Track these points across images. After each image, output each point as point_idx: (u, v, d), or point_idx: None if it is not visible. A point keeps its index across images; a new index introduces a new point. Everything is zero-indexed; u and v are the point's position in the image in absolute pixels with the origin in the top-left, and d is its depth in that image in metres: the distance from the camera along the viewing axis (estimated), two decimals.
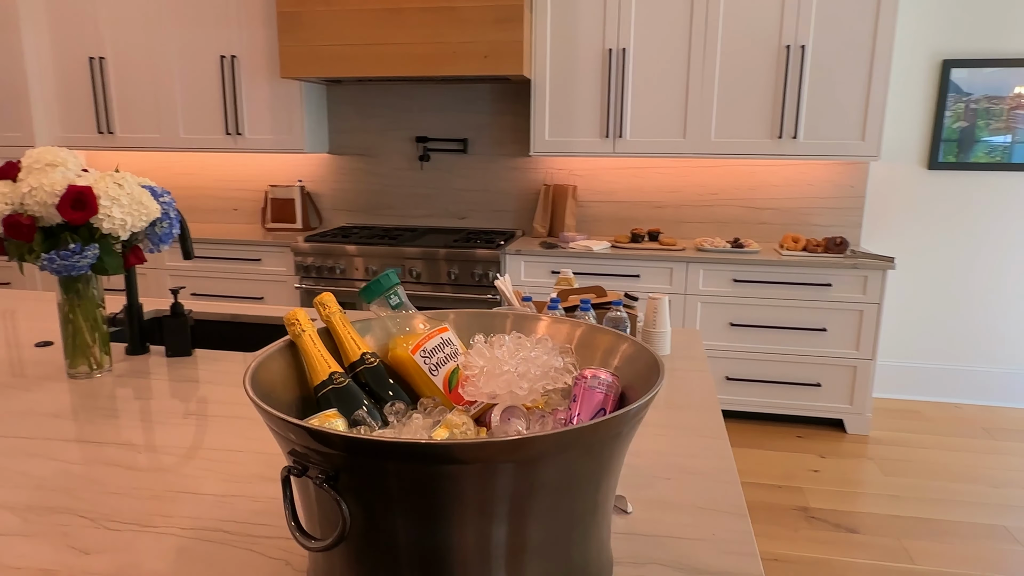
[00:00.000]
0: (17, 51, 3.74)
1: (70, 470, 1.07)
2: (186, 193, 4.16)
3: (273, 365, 0.81)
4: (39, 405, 1.32)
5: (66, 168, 1.32)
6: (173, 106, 3.74)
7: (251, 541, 0.88)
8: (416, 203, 3.90)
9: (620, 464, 0.74)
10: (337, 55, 3.31)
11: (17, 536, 0.89)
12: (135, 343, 1.64)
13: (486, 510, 0.63)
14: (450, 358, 0.89)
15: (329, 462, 0.61)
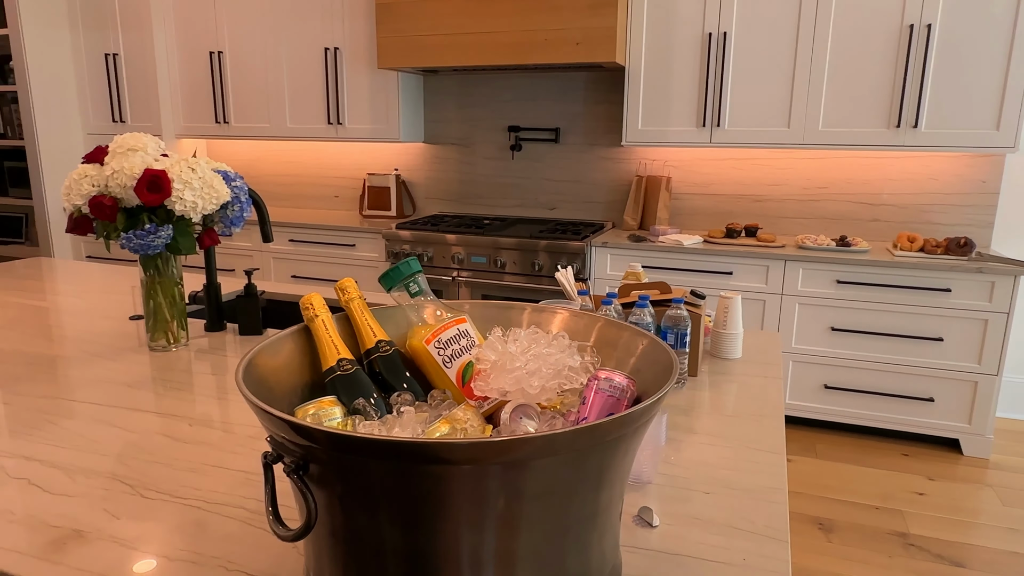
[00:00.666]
0: (149, 49, 4.06)
1: (126, 437, 1.13)
2: (291, 180, 4.37)
3: (284, 348, 0.81)
4: (117, 374, 1.42)
5: (145, 152, 1.40)
6: (281, 97, 3.93)
7: (265, 521, 0.89)
8: (506, 193, 3.89)
9: (622, 471, 0.68)
10: (430, 45, 3.34)
11: (62, 496, 0.95)
12: (213, 320, 1.73)
13: (468, 513, 0.60)
14: (465, 350, 0.86)
15: (299, 451, 0.60)
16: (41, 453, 1.07)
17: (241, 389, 0.63)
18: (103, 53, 4.19)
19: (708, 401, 1.31)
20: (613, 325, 0.84)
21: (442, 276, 3.43)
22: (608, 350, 0.83)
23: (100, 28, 4.17)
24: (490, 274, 3.35)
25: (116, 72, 4.18)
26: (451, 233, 3.38)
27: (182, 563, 0.80)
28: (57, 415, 1.21)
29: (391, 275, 0.88)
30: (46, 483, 0.98)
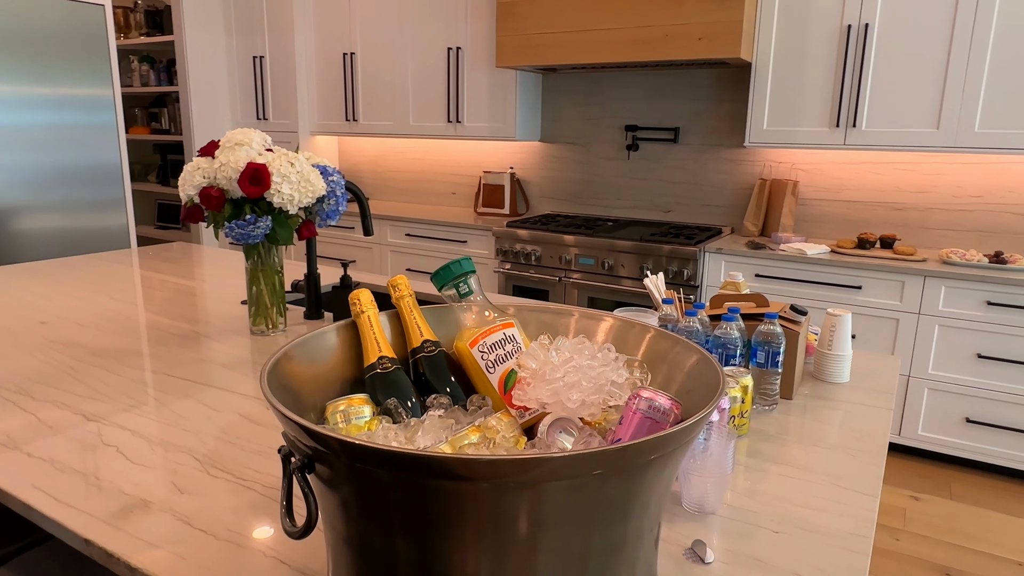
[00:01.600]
0: (291, 51, 4.35)
1: (209, 415, 1.20)
2: (413, 176, 4.52)
3: (328, 342, 0.81)
4: (217, 355, 1.51)
5: (250, 147, 1.48)
6: (405, 96, 4.07)
7: None
8: (621, 193, 3.80)
9: (654, 500, 0.62)
10: (548, 43, 3.32)
11: (141, 466, 1.01)
12: (311, 308, 1.80)
13: (477, 534, 0.57)
14: (510, 356, 0.83)
15: (306, 450, 0.59)
16: (134, 424, 1.16)
17: (263, 384, 0.63)
18: (251, 56, 4.54)
19: (800, 428, 1.19)
20: (664, 337, 0.77)
21: (549, 276, 3.41)
22: (658, 364, 0.76)
23: (250, 33, 4.51)
24: (598, 276, 3.28)
25: (261, 73, 4.51)
26: (560, 233, 3.35)
27: (225, 543, 0.83)
28: (157, 389, 1.31)
29: (442, 273, 0.86)
30: (131, 453, 1.05)
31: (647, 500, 0.61)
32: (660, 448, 0.56)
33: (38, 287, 2.08)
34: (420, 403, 0.79)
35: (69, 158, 3.42)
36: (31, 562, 1.07)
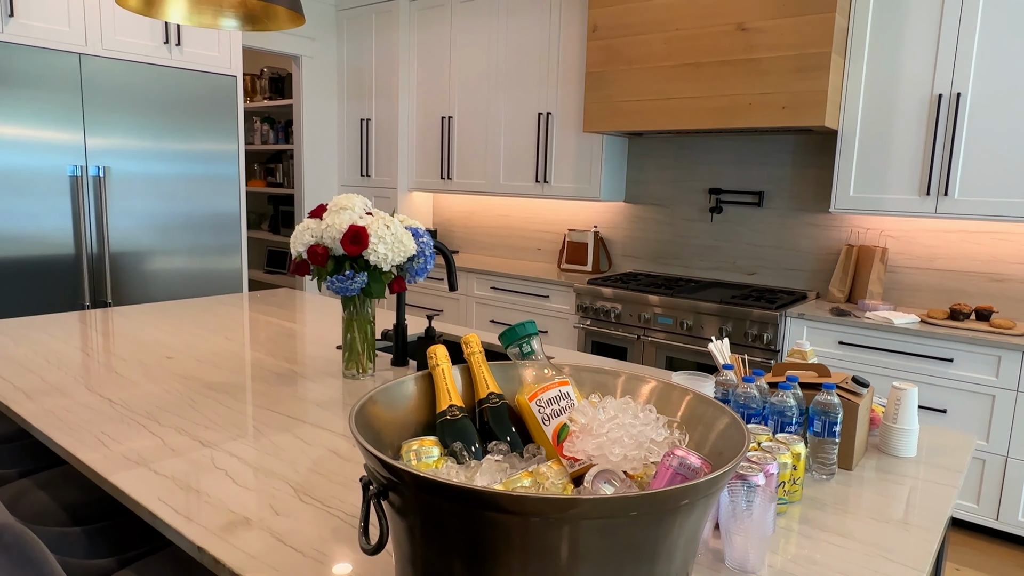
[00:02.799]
0: (394, 114, 4.71)
1: (303, 448, 1.35)
2: (501, 232, 4.72)
3: (408, 390, 0.94)
4: (313, 394, 1.68)
5: (353, 211, 1.68)
6: (497, 156, 4.30)
7: None
8: (704, 255, 3.83)
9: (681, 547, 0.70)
10: (635, 110, 3.46)
11: (244, 488, 1.17)
12: (398, 356, 1.96)
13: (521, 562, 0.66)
14: (564, 411, 0.93)
15: (382, 480, 0.71)
16: (240, 451, 1.32)
17: (351, 423, 0.76)
18: (359, 118, 4.94)
19: (856, 499, 1.21)
20: (702, 401, 0.85)
21: (628, 334, 3.46)
22: (695, 425, 0.84)
23: (359, 98, 4.92)
24: (676, 336, 3.31)
25: (367, 134, 4.89)
26: (641, 292, 3.41)
27: (310, 560, 0.96)
28: (259, 421, 1.48)
29: (508, 334, 0.98)
30: (237, 476, 1.21)
31: (673, 546, 0.69)
32: (681, 498, 0.64)
33: (165, 325, 2.36)
34: (482, 448, 0.90)
35: (196, 206, 3.83)
36: (152, 565, 1.24)
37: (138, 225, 3.60)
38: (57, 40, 3.23)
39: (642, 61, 3.42)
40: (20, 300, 3.24)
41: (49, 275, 3.32)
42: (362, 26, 4.85)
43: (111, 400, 1.59)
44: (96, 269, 3.48)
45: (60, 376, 1.76)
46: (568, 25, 3.89)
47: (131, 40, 3.47)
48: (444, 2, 4.46)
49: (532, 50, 4.06)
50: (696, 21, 3.23)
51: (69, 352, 1.98)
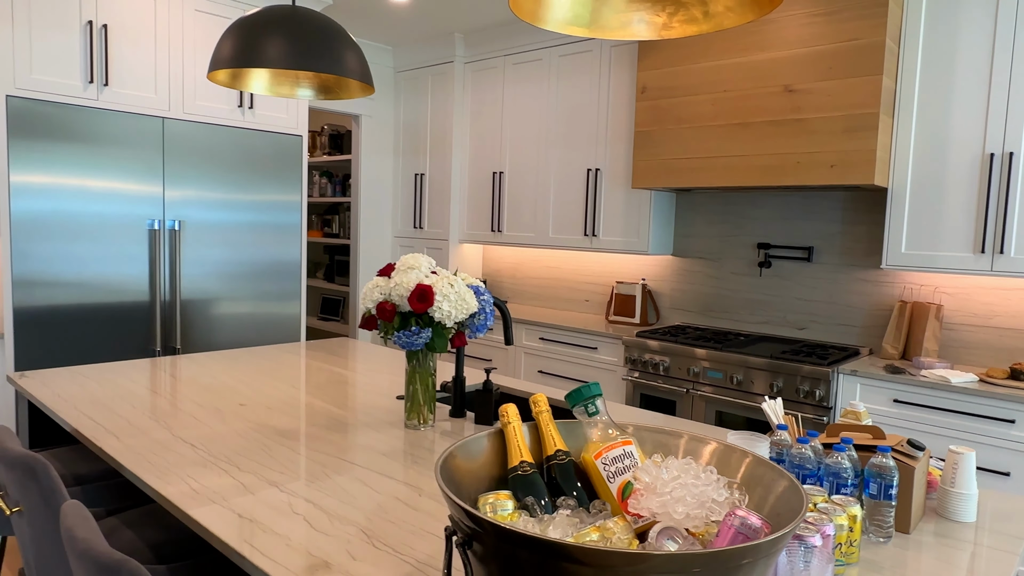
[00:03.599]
0: (447, 169, 4.90)
1: (371, 495, 1.43)
2: (549, 283, 4.81)
3: (482, 446, 1.02)
4: (378, 443, 1.77)
5: (419, 271, 1.79)
6: (546, 210, 4.43)
7: None
8: (753, 309, 3.84)
9: None
10: (683, 167, 3.55)
11: (321, 533, 1.25)
12: (456, 408, 2.04)
13: None
14: (627, 469, 0.99)
15: (467, 530, 0.78)
16: (316, 498, 1.41)
17: (436, 475, 0.84)
18: (413, 173, 5.15)
19: (913, 563, 1.22)
20: (760, 463, 0.90)
21: (676, 388, 3.48)
22: (754, 487, 0.89)
23: (414, 154, 5.14)
24: (727, 391, 3.31)
25: (421, 188, 5.09)
26: (690, 345, 3.44)
27: None
28: (332, 470, 1.57)
29: (574, 395, 1.05)
30: (315, 522, 1.30)
31: None
32: (743, 557, 0.70)
33: (235, 372, 2.49)
34: (552, 502, 0.97)
35: (260, 255, 4.04)
36: None
37: (206, 273, 3.81)
38: (144, 106, 3.51)
39: (690, 121, 3.52)
40: (98, 344, 3.45)
41: (125, 321, 3.53)
42: (418, 86, 5.10)
43: (192, 444, 1.71)
44: (167, 316, 3.68)
45: (143, 419, 1.88)
46: (617, 86, 4.03)
47: (209, 104, 3.75)
48: (497, 64, 4.68)
49: (582, 109, 4.21)
50: (743, 83, 3.33)
51: (150, 396, 2.12)
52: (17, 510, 1.40)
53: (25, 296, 3.21)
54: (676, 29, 1.57)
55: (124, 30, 3.42)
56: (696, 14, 1.54)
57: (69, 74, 3.26)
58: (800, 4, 3.15)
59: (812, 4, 3.12)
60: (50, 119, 3.22)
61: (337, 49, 2.04)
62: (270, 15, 2.01)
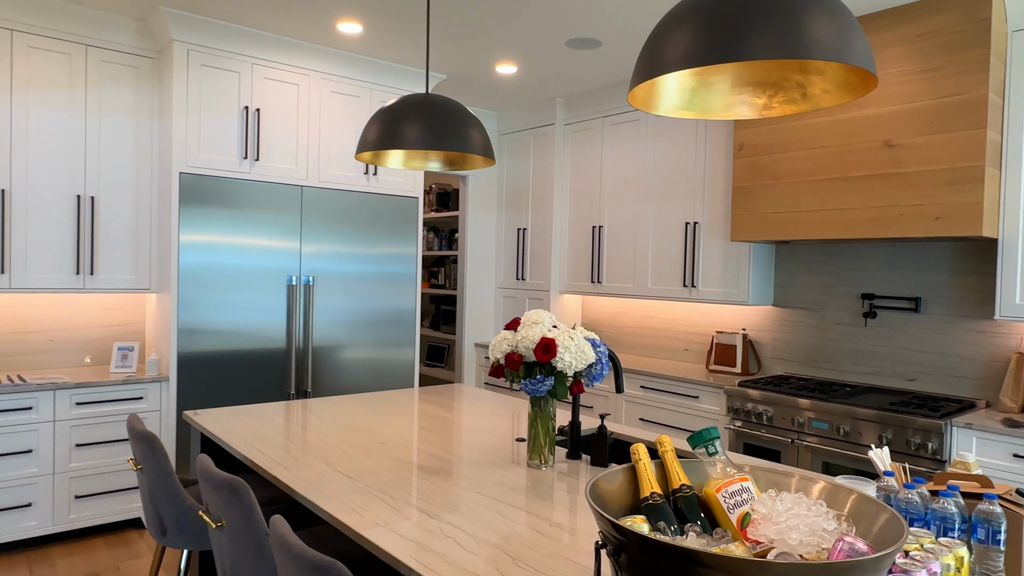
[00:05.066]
0: (548, 224, 5.18)
1: (507, 524, 1.63)
2: (648, 332, 4.94)
3: (617, 479, 1.21)
4: (505, 479, 1.98)
5: (542, 325, 2.01)
6: (645, 262, 4.59)
7: None
8: (858, 359, 3.82)
9: None
10: (782, 221, 3.65)
11: (471, 553, 1.46)
12: (573, 450, 2.22)
13: None
14: (745, 502, 1.14)
15: (616, 543, 0.97)
16: (461, 524, 1.63)
17: (587, 498, 1.04)
18: (516, 227, 5.46)
19: None
20: (864, 499, 1.04)
21: (780, 437, 3.51)
22: (859, 519, 1.03)
23: (516, 209, 5.46)
24: (832, 441, 3.32)
25: (523, 241, 5.39)
26: (794, 395, 3.48)
27: None
28: (469, 501, 1.79)
29: (695, 437, 1.22)
30: (464, 543, 1.51)
31: None
32: (850, 570, 0.85)
33: (370, 413, 2.79)
34: (680, 528, 1.14)
35: (379, 305, 4.41)
36: None
37: (333, 321, 4.21)
38: (287, 176, 3.99)
39: (788, 176, 3.63)
40: (242, 386, 3.88)
41: (265, 366, 3.95)
42: (521, 147, 5.45)
43: (348, 475, 1.98)
44: (300, 361, 4.08)
45: (302, 453, 2.18)
46: (714, 143, 4.19)
47: (339, 173, 4.20)
48: (595, 125, 4.95)
49: (679, 165, 4.40)
50: (841, 139, 3.42)
51: (301, 433, 2.43)
52: (220, 525, 1.69)
53: (187, 342, 3.67)
54: (776, 109, 1.75)
55: (272, 112, 3.93)
56: (795, 96, 1.73)
57: (228, 152, 3.78)
58: (897, 63, 3.24)
59: (909, 62, 3.20)
60: (211, 189, 3.73)
61: (464, 129, 2.35)
62: (407, 103, 2.35)
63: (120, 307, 4.00)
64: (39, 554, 3.32)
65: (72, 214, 3.59)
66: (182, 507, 2.09)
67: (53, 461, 3.37)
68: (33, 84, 3.47)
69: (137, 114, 3.77)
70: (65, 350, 3.83)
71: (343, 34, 3.85)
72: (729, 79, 1.72)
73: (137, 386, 3.59)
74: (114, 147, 3.71)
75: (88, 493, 3.47)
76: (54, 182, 3.55)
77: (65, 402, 3.39)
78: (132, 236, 3.78)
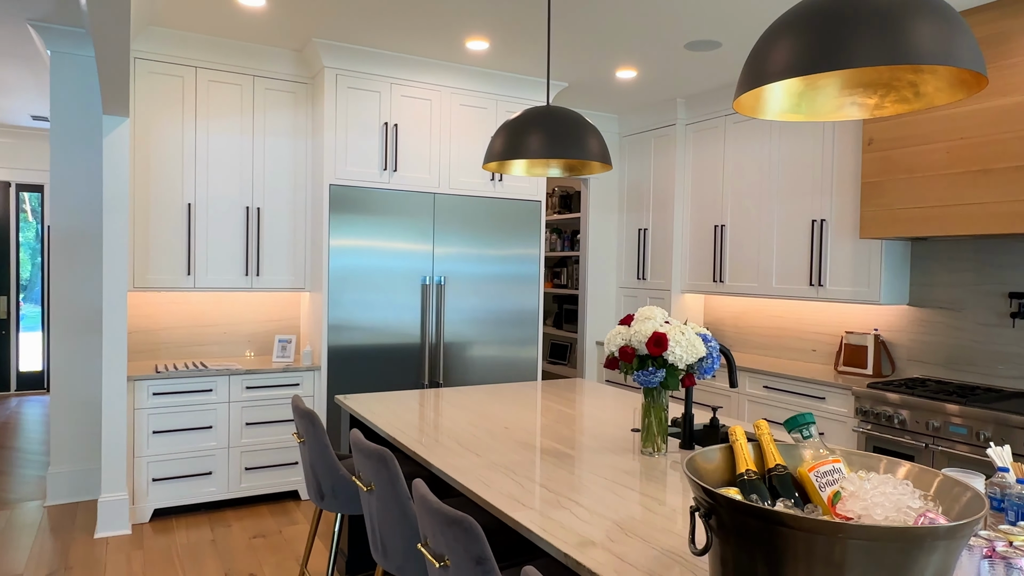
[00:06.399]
0: (669, 224, 5.22)
1: (620, 502, 1.78)
2: (772, 332, 4.85)
3: (715, 456, 1.33)
4: (620, 464, 2.13)
5: (655, 321, 2.14)
6: (769, 261, 4.54)
7: (686, 562, 1.39)
8: (1005, 362, 3.59)
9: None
10: (917, 216, 3.51)
11: (585, 523, 1.63)
12: (686, 440, 2.33)
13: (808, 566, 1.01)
14: (836, 482, 1.23)
15: (707, 507, 1.11)
16: (576, 498, 1.80)
17: (684, 469, 1.18)
18: (637, 228, 5.54)
19: None
20: (950, 481, 1.11)
21: (915, 442, 3.38)
22: (943, 498, 1.10)
23: (637, 210, 5.55)
24: (970, 447, 3.16)
25: (644, 242, 5.46)
26: (931, 399, 3.34)
27: (642, 572, 1.36)
28: (585, 480, 1.96)
29: (791, 421, 1.32)
30: (578, 514, 1.68)
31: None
32: (924, 536, 0.94)
33: (494, 403, 3.02)
34: (773, 503, 1.25)
35: (504, 304, 4.66)
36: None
37: (462, 319, 4.52)
38: (420, 184, 4.34)
39: (922, 170, 3.48)
40: (381, 376, 4.27)
41: (401, 359, 4.32)
42: (642, 148, 5.53)
43: (477, 454, 2.21)
44: (433, 355, 4.42)
45: (436, 433, 2.44)
46: (842, 138, 4.08)
47: (467, 180, 4.51)
48: (717, 124, 4.94)
49: (805, 162, 4.31)
50: (981, 130, 3.25)
51: (435, 417, 2.70)
52: (370, 488, 1.98)
53: (335, 337, 4.11)
54: (888, 109, 1.78)
55: (408, 127, 4.30)
56: (907, 95, 1.76)
57: (370, 164, 4.18)
58: None
59: None
60: (356, 199, 4.15)
61: (583, 137, 2.52)
62: (529, 115, 2.55)
63: (277, 304, 4.53)
64: (217, 516, 3.86)
65: (242, 223, 4.13)
66: (337, 476, 2.42)
67: (228, 436, 3.90)
68: (212, 112, 4.04)
69: (294, 134, 4.27)
70: (233, 341, 4.40)
71: (471, 51, 4.14)
72: (838, 82, 1.78)
73: (295, 374, 4.07)
74: (274, 163, 4.22)
75: (255, 466, 3.98)
76: (228, 195, 4.10)
77: (238, 386, 3.92)
78: (289, 241, 4.28)
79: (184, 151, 3.98)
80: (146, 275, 3.90)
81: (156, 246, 3.93)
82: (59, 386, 3.99)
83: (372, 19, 3.66)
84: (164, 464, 3.75)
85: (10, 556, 3.31)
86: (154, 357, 4.19)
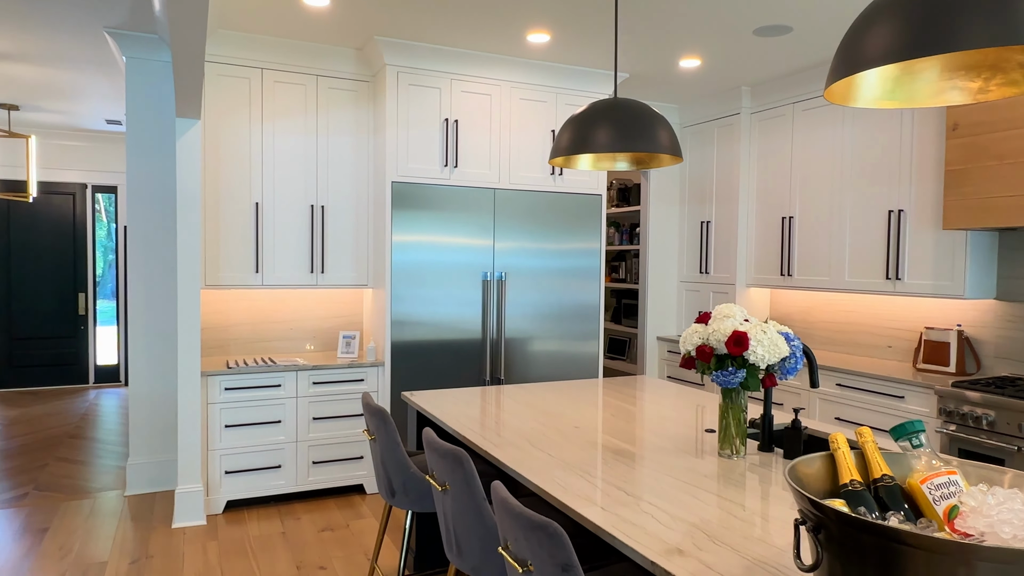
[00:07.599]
0: (733, 216, 5.08)
1: (701, 507, 1.73)
2: (845, 328, 4.67)
3: (815, 464, 1.26)
4: (697, 466, 2.06)
5: (734, 319, 2.06)
6: (841, 253, 4.35)
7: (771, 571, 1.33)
8: None
9: None
10: (1005, 206, 3.30)
11: (667, 528, 1.58)
12: (764, 443, 2.25)
13: None
14: (952, 495, 1.15)
15: (815, 520, 1.04)
16: (656, 502, 1.75)
17: (786, 477, 1.12)
18: (699, 221, 5.41)
19: None
20: None
21: (1004, 444, 3.19)
22: None
23: (699, 203, 5.41)
24: None
25: (706, 235, 5.33)
26: (1019, 399, 3.15)
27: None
28: (663, 483, 1.90)
29: (898, 429, 1.24)
30: (661, 519, 1.63)
31: None
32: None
33: (560, 400, 2.99)
34: (881, 515, 1.17)
35: (565, 298, 4.62)
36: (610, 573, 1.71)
37: (523, 314, 4.49)
38: (481, 180, 4.33)
39: (1013, 156, 3.28)
40: (444, 372, 4.29)
41: (463, 354, 4.33)
42: (704, 139, 5.39)
43: (549, 453, 2.18)
44: (495, 351, 4.41)
45: (504, 431, 2.42)
46: (922, 124, 3.88)
47: (527, 175, 4.47)
48: (785, 111, 4.77)
49: (881, 150, 4.11)
50: None
51: (500, 414, 2.68)
52: (445, 488, 1.97)
53: (398, 332, 4.14)
54: (994, 92, 1.66)
55: (468, 122, 4.29)
56: (1016, 76, 1.63)
57: (431, 160, 4.19)
58: None
59: None
60: (417, 195, 4.16)
61: (652, 129, 2.44)
62: (596, 109, 2.49)
63: (341, 301, 4.59)
64: (287, 508, 3.95)
65: (307, 221, 4.20)
66: (407, 473, 2.43)
67: (296, 430, 3.98)
68: (277, 112, 4.11)
69: (356, 131, 4.31)
70: (298, 337, 4.48)
71: (532, 44, 4.09)
72: (939, 65, 1.67)
73: (359, 370, 4.12)
74: (337, 162, 4.27)
75: (322, 460, 4.06)
76: (293, 194, 4.17)
77: (305, 381, 3.99)
78: (352, 238, 4.33)
79: (251, 151, 4.06)
80: (217, 273, 4.01)
81: (226, 245, 4.03)
82: (136, 381, 4.14)
83: (433, 15, 3.65)
84: (236, 457, 3.85)
85: (95, 544, 3.45)
86: (224, 353, 4.31)
